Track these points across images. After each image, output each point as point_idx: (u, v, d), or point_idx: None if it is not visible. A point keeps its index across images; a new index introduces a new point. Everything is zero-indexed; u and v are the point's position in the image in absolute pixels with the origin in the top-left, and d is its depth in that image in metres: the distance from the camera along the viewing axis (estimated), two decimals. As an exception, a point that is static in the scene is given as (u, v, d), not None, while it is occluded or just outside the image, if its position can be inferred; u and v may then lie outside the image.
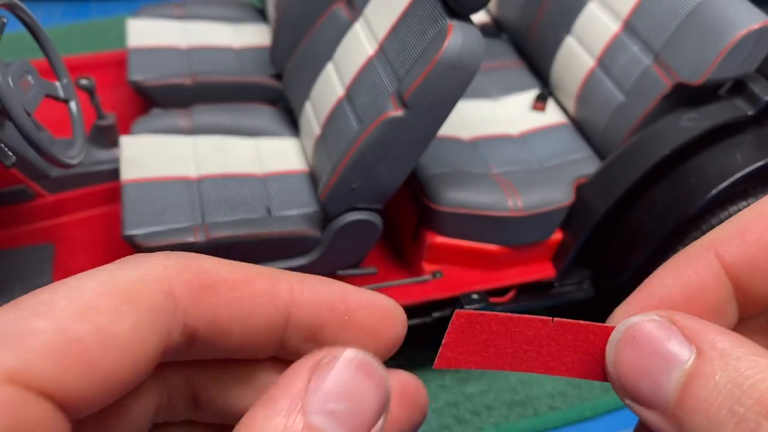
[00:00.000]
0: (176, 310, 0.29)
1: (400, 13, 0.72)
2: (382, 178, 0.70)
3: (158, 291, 0.29)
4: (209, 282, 0.30)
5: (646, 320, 0.33)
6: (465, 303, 0.76)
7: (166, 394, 0.35)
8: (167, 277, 0.29)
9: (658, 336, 0.33)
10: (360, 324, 0.34)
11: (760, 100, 0.74)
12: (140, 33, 1.03)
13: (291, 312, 0.32)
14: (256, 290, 0.31)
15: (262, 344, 0.32)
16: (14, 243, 0.82)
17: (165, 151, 0.82)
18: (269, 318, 0.31)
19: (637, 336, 0.34)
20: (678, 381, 0.31)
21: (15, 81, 0.64)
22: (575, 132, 0.88)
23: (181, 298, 0.29)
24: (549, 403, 0.83)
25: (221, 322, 0.30)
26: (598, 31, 0.85)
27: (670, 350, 0.32)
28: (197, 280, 0.30)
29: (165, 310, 0.28)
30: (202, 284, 0.30)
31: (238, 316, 0.31)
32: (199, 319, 0.30)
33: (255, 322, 0.31)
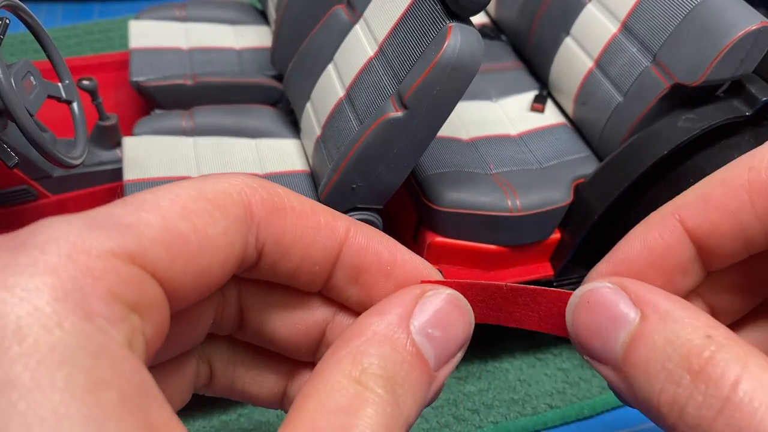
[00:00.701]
0: (252, 224, 0.35)
1: (400, 14, 0.72)
2: (382, 178, 0.71)
3: (240, 203, 0.34)
4: (281, 205, 0.37)
5: (600, 287, 0.41)
6: (464, 302, 0.77)
7: (221, 308, 0.39)
8: (246, 193, 0.35)
9: (609, 300, 0.40)
10: (398, 277, 0.40)
11: (757, 100, 0.74)
12: (142, 34, 1.03)
13: (343, 249, 0.38)
14: (319, 221, 0.38)
15: (314, 275, 0.38)
16: (17, 243, 0.82)
17: (167, 151, 0.82)
18: (325, 249, 0.38)
19: (591, 301, 0.40)
20: (624, 340, 0.38)
21: (17, 82, 0.64)
22: (574, 132, 0.89)
23: (257, 214, 0.35)
24: (548, 402, 0.83)
25: (285, 245, 0.36)
26: (596, 32, 0.85)
27: (618, 313, 0.39)
28: (271, 201, 0.36)
29: (244, 221, 0.34)
30: (275, 205, 0.36)
31: (300, 243, 0.37)
32: (269, 236, 0.36)
33: (312, 251, 0.38)
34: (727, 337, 0.41)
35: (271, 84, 0.96)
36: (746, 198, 0.43)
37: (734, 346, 0.40)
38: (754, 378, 0.37)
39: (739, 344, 0.41)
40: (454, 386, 0.85)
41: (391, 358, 0.35)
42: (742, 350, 0.40)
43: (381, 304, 0.39)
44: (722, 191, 0.44)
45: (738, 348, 0.40)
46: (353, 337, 0.35)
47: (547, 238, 0.81)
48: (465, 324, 0.39)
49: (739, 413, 0.36)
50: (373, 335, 0.35)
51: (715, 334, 0.41)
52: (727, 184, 0.44)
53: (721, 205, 0.44)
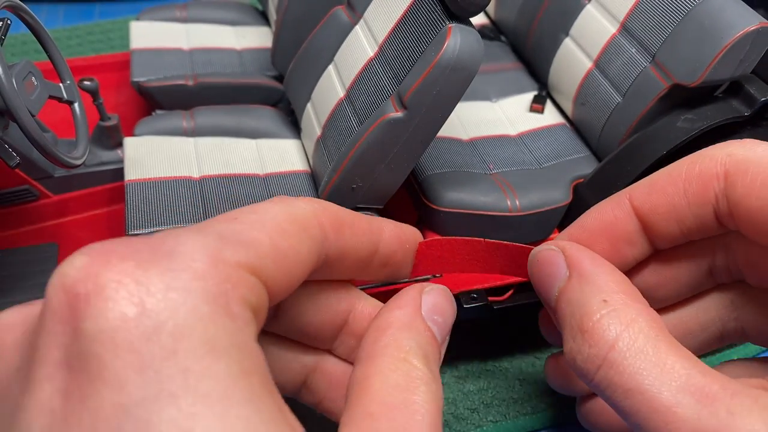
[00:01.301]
0: (325, 241, 0.44)
1: (400, 15, 0.73)
2: (382, 178, 0.71)
3: (317, 225, 0.43)
4: (341, 222, 0.46)
5: (546, 249, 0.54)
6: (464, 302, 0.77)
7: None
8: (319, 215, 0.44)
9: (550, 260, 0.52)
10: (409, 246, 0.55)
11: (756, 101, 0.75)
12: (143, 35, 1.04)
13: (380, 243, 0.51)
14: (365, 229, 0.49)
15: (361, 268, 0.50)
16: (19, 242, 0.82)
17: (168, 151, 0.83)
18: (370, 248, 0.50)
19: (539, 259, 0.53)
20: (555, 293, 0.50)
21: (19, 82, 0.64)
22: (573, 133, 0.89)
23: (327, 233, 0.45)
24: (547, 401, 0.83)
25: (343, 253, 0.47)
26: (595, 33, 0.86)
27: (555, 270, 0.51)
28: (335, 219, 0.46)
29: (319, 239, 0.44)
30: (338, 223, 0.46)
31: (354, 248, 0.49)
32: (332, 249, 0.45)
33: (362, 251, 0.50)
34: (624, 302, 0.50)
35: (271, 84, 0.96)
36: (681, 186, 0.53)
37: (624, 310, 0.49)
38: (630, 340, 0.47)
39: (630, 309, 0.49)
40: (454, 385, 0.85)
41: (420, 340, 0.47)
42: (630, 316, 0.48)
43: (396, 300, 0.51)
44: (665, 179, 0.54)
45: (626, 313, 0.49)
46: (386, 327, 0.47)
47: (547, 238, 0.82)
48: (453, 310, 0.52)
49: (612, 370, 0.46)
50: (402, 324, 0.47)
51: (613, 298, 0.50)
52: (670, 173, 0.54)
53: (662, 189, 0.54)
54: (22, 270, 0.78)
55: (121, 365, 0.31)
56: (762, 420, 0.42)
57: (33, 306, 0.38)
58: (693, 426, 0.43)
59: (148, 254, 0.34)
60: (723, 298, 0.60)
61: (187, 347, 0.32)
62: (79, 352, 0.31)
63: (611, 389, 0.47)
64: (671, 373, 0.45)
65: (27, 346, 0.35)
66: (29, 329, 0.36)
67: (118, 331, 0.31)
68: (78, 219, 0.87)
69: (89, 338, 0.31)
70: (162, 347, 0.31)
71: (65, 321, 0.32)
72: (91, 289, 0.32)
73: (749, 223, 0.49)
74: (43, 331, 0.33)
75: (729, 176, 0.50)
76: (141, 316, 0.31)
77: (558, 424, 0.83)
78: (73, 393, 0.31)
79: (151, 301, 0.32)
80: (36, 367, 0.32)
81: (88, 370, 0.31)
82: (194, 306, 0.33)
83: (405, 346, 0.46)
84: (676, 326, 0.62)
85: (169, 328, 0.32)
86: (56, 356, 0.32)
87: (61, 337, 0.32)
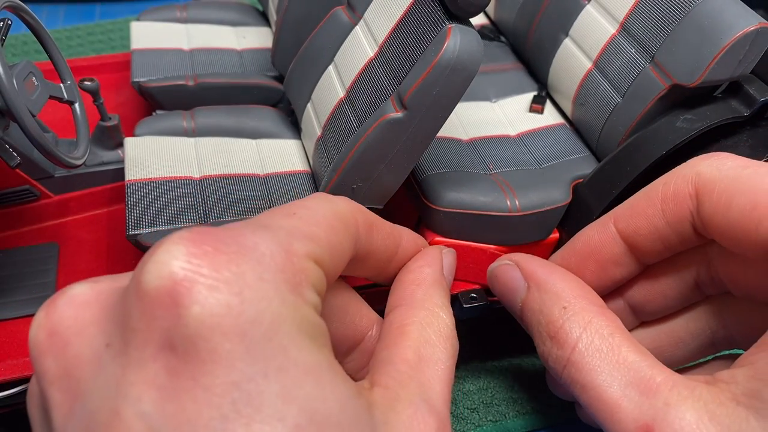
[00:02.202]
0: (358, 238, 0.49)
1: (400, 16, 0.73)
2: (382, 178, 0.71)
3: (354, 224, 0.49)
4: (371, 223, 0.53)
5: (501, 264, 0.63)
6: (464, 302, 0.77)
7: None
8: (355, 215, 0.50)
9: (507, 274, 0.60)
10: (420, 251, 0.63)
11: (755, 101, 0.75)
12: (143, 35, 1.04)
13: (399, 247, 0.58)
14: (389, 232, 0.56)
15: (381, 268, 0.57)
16: (19, 242, 0.83)
17: (168, 152, 0.83)
18: (391, 250, 0.56)
19: (497, 274, 0.62)
20: (519, 304, 0.58)
21: (19, 82, 0.65)
22: (572, 133, 0.89)
23: (361, 231, 0.50)
24: (547, 401, 0.83)
25: (371, 250, 0.52)
26: (595, 33, 0.86)
27: (513, 284, 0.59)
28: (367, 220, 0.52)
29: (355, 236, 0.48)
30: (369, 223, 0.52)
31: (378, 248, 0.55)
32: (363, 246, 0.51)
33: (384, 253, 0.57)
34: (581, 306, 0.56)
35: (271, 85, 0.96)
36: (659, 206, 0.57)
37: (582, 314, 0.55)
38: (588, 341, 0.53)
39: (586, 312, 0.55)
40: (454, 385, 0.85)
41: (445, 296, 0.57)
42: (586, 319, 0.54)
43: (423, 258, 0.61)
44: (644, 201, 0.59)
45: (583, 317, 0.54)
46: (420, 282, 0.57)
47: (546, 238, 0.82)
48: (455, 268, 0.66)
49: (574, 369, 0.52)
50: (433, 281, 0.58)
51: (571, 304, 0.56)
52: (648, 194, 0.59)
53: (642, 212, 0.58)
54: (22, 270, 0.79)
55: (230, 347, 0.35)
56: (693, 409, 0.47)
57: (101, 282, 0.42)
58: (634, 416, 0.48)
59: (236, 247, 0.38)
60: (711, 308, 0.63)
61: (283, 330, 0.37)
62: (183, 334, 0.35)
63: (572, 385, 0.53)
64: (622, 368, 0.51)
65: (115, 324, 0.38)
66: (109, 306, 0.40)
67: (226, 317, 0.35)
68: (78, 219, 0.87)
69: (195, 323, 0.35)
70: (264, 331, 0.36)
71: (166, 306, 0.35)
72: (192, 278, 0.36)
73: (722, 237, 0.53)
74: (142, 314, 0.36)
75: (699, 195, 0.54)
76: (243, 304, 0.36)
77: (558, 423, 0.83)
78: (182, 372, 0.35)
79: (249, 292, 0.36)
80: (138, 347, 0.36)
81: (195, 351, 0.35)
82: (283, 295, 0.38)
83: (438, 302, 0.55)
84: (668, 335, 0.65)
85: (268, 316, 0.36)
86: (157, 338, 0.35)
87: (162, 321, 0.35)
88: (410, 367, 0.48)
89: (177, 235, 0.38)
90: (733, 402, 0.47)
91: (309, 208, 0.47)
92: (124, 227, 0.73)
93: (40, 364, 0.40)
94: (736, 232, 0.51)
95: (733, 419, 0.46)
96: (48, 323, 0.40)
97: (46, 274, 0.78)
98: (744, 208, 0.50)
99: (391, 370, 0.47)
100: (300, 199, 0.50)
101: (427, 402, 0.46)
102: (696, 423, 0.46)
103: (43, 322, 0.41)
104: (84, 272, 0.80)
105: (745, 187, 0.51)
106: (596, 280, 0.62)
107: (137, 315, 0.36)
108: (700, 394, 0.48)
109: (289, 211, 0.46)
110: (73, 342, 0.39)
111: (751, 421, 0.45)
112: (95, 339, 0.39)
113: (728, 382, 0.48)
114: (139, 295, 0.36)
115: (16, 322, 0.74)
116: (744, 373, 0.48)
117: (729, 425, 0.45)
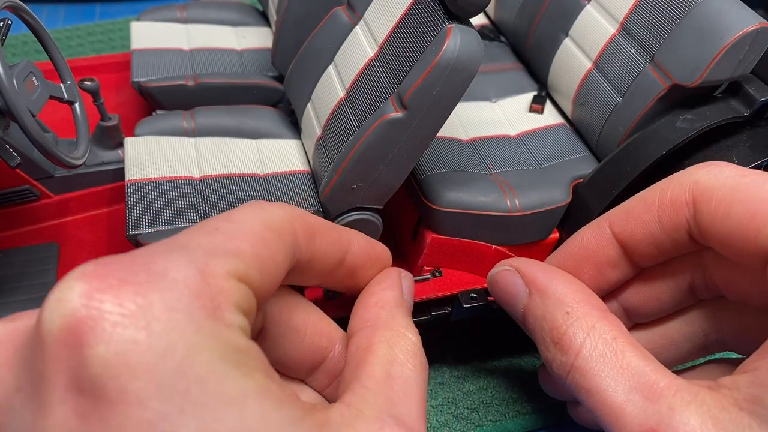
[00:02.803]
0: (297, 246, 0.46)
1: (400, 16, 0.73)
2: (382, 178, 0.71)
3: (291, 232, 0.46)
4: (313, 229, 0.49)
5: (501, 270, 0.61)
6: (464, 302, 0.77)
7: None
8: (293, 222, 0.46)
9: (508, 280, 0.58)
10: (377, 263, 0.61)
11: (755, 101, 0.75)
12: (143, 35, 1.04)
13: (347, 255, 0.53)
14: (335, 239, 0.52)
15: (326, 275, 0.53)
16: (19, 242, 0.83)
17: (168, 152, 0.83)
18: (337, 257, 0.52)
19: (498, 280, 0.60)
20: (521, 310, 0.56)
21: (20, 82, 0.65)
22: (572, 133, 0.89)
23: (300, 239, 0.47)
24: (547, 401, 0.83)
25: (313, 258, 0.49)
26: (595, 33, 0.86)
27: (514, 290, 0.57)
28: (307, 227, 0.48)
29: (293, 245, 0.45)
30: (310, 230, 0.48)
31: (323, 255, 0.52)
32: (303, 254, 0.48)
33: (329, 260, 0.52)
34: (583, 312, 0.55)
35: (271, 85, 0.96)
36: (655, 213, 0.57)
37: (585, 319, 0.55)
38: (592, 346, 0.53)
39: (590, 317, 0.55)
40: (453, 385, 0.85)
41: (409, 317, 0.56)
42: (589, 324, 0.54)
43: (384, 281, 0.59)
44: (640, 206, 0.58)
45: (586, 322, 0.54)
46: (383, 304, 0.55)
47: (546, 238, 0.82)
48: (414, 291, 0.63)
49: (578, 374, 0.52)
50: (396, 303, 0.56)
51: (574, 309, 0.56)
52: (644, 199, 0.59)
53: (638, 217, 0.58)
54: (22, 270, 0.79)
55: (140, 385, 0.33)
56: (696, 414, 0.47)
57: (17, 321, 0.39)
58: (639, 421, 0.48)
59: (144, 276, 0.36)
60: (705, 312, 0.64)
61: (200, 361, 0.34)
62: (89, 375, 0.33)
63: (578, 391, 0.53)
64: (626, 373, 0.51)
65: (24, 367, 0.36)
66: (20, 347, 0.37)
67: (132, 354, 0.33)
68: (78, 219, 0.87)
69: (100, 362, 0.33)
70: (177, 365, 0.34)
71: (69, 347, 0.33)
72: (94, 316, 0.33)
73: (720, 246, 0.53)
74: (46, 357, 0.34)
75: (696, 204, 0.54)
76: (151, 338, 0.34)
77: (557, 423, 0.83)
78: (90, 414, 0.33)
79: (158, 324, 0.34)
80: (45, 391, 0.34)
81: (103, 392, 0.33)
82: (198, 324, 0.36)
83: (403, 322, 0.54)
84: (661, 337, 0.66)
85: (181, 348, 0.34)
86: (64, 380, 0.33)
87: (67, 362, 0.33)
88: (377, 383, 0.46)
89: (79, 270, 0.36)
90: (735, 408, 0.47)
91: (234, 221, 0.44)
92: (124, 227, 0.74)
93: None
94: (734, 241, 0.51)
95: (736, 425, 0.46)
96: None
97: (46, 274, 0.79)
98: (742, 217, 0.50)
99: (357, 387, 0.46)
100: (230, 210, 0.47)
101: (395, 417, 0.44)
102: (700, 428, 0.46)
103: None
104: (84, 272, 0.80)
105: (743, 195, 0.51)
106: (593, 282, 0.62)
107: (42, 357, 0.34)
108: (704, 399, 0.48)
109: (211, 226, 0.43)
110: None
111: (753, 427, 0.45)
112: (5, 382, 0.37)
113: (731, 387, 0.48)
114: (41, 335, 0.34)
115: (16, 322, 0.74)
116: (746, 379, 0.48)
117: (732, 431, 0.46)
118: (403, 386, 0.47)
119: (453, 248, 0.79)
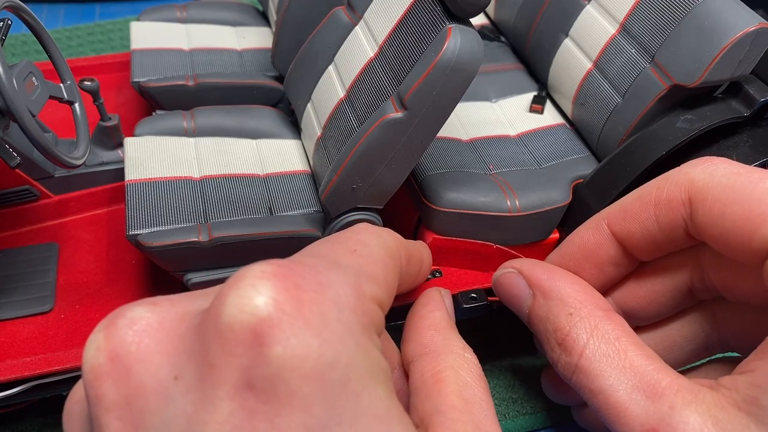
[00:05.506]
0: (401, 271, 0.51)
1: (400, 16, 0.73)
2: (383, 178, 0.71)
3: (399, 258, 0.50)
4: (410, 254, 0.55)
5: (505, 272, 0.63)
6: (464, 302, 0.77)
7: None
8: (399, 248, 0.51)
9: (511, 282, 0.61)
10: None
11: (755, 101, 0.75)
12: (143, 35, 1.04)
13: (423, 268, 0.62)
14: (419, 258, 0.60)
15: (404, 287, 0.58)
16: (19, 242, 0.83)
17: (168, 152, 0.83)
18: (415, 274, 0.60)
19: (502, 283, 0.63)
20: (526, 311, 0.59)
21: (19, 82, 0.65)
22: (573, 133, 0.89)
23: (403, 263, 0.52)
24: (547, 401, 0.83)
25: (404, 277, 0.53)
26: (595, 33, 0.86)
27: (518, 292, 0.59)
28: (406, 252, 0.54)
29: (400, 270, 0.51)
30: (408, 254, 0.54)
31: (410, 274, 0.58)
32: (401, 278, 0.52)
33: (415, 278, 0.61)
34: (586, 313, 0.56)
35: (271, 85, 0.96)
36: (652, 212, 0.57)
37: (588, 320, 0.56)
38: (595, 346, 0.53)
39: (592, 317, 0.56)
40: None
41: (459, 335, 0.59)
42: (592, 324, 0.55)
43: (430, 302, 0.61)
44: (637, 205, 0.59)
45: (589, 322, 0.55)
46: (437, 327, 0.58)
47: (546, 238, 0.82)
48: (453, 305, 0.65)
49: (582, 374, 0.54)
50: (447, 325, 0.59)
51: (577, 310, 0.57)
52: (642, 199, 0.59)
53: (635, 216, 0.59)
54: (22, 270, 0.79)
55: (308, 391, 0.34)
56: (697, 413, 0.47)
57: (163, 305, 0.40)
58: (641, 420, 0.49)
59: (315, 286, 0.38)
60: (705, 313, 0.64)
61: (357, 375, 0.36)
62: (263, 374, 0.34)
63: (582, 390, 0.54)
64: (629, 372, 0.52)
65: (187, 357, 0.37)
66: (179, 336, 0.38)
67: (307, 359, 0.34)
68: (78, 219, 0.87)
69: (277, 364, 0.34)
70: (340, 376, 0.35)
71: (248, 344, 0.34)
72: (276, 317, 0.35)
73: (716, 244, 0.54)
74: (221, 350, 0.35)
75: (692, 203, 0.55)
76: (323, 346, 0.35)
77: (557, 423, 0.83)
78: (257, 412, 0.34)
79: (328, 334, 0.36)
80: (213, 384, 0.35)
81: (274, 391, 0.34)
82: (356, 338, 0.38)
83: (460, 344, 0.56)
84: (663, 339, 0.66)
85: (344, 359, 0.36)
86: (236, 376, 0.34)
87: (243, 358, 0.34)
88: (460, 413, 0.48)
89: (260, 269, 0.37)
90: (734, 408, 0.47)
91: (366, 245, 0.47)
92: (124, 227, 0.73)
93: (96, 388, 0.37)
94: (729, 241, 0.51)
95: (735, 425, 0.46)
96: (109, 346, 0.38)
97: (46, 274, 0.78)
98: (737, 217, 0.50)
99: (445, 420, 0.48)
100: (347, 230, 0.50)
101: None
102: (700, 427, 0.47)
103: (102, 344, 0.38)
104: (84, 272, 0.80)
105: (738, 195, 0.51)
106: (594, 281, 0.62)
107: (216, 350, 0.35)
108: (704, 399, 0.48)
109: (348, 247, 0.46)
110: (136, 369, 0.37)
111: (751, 427, 0.46)
112: (161, 369, 0.37)
113: (730, 388, 0.49)
114: (219, 329, 0.35)
115: (16, 322, 0.74)
116: (744, 380, 0.48)
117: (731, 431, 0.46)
118: (480, 408, 0.49)
119: (453, 248, 0.79)
